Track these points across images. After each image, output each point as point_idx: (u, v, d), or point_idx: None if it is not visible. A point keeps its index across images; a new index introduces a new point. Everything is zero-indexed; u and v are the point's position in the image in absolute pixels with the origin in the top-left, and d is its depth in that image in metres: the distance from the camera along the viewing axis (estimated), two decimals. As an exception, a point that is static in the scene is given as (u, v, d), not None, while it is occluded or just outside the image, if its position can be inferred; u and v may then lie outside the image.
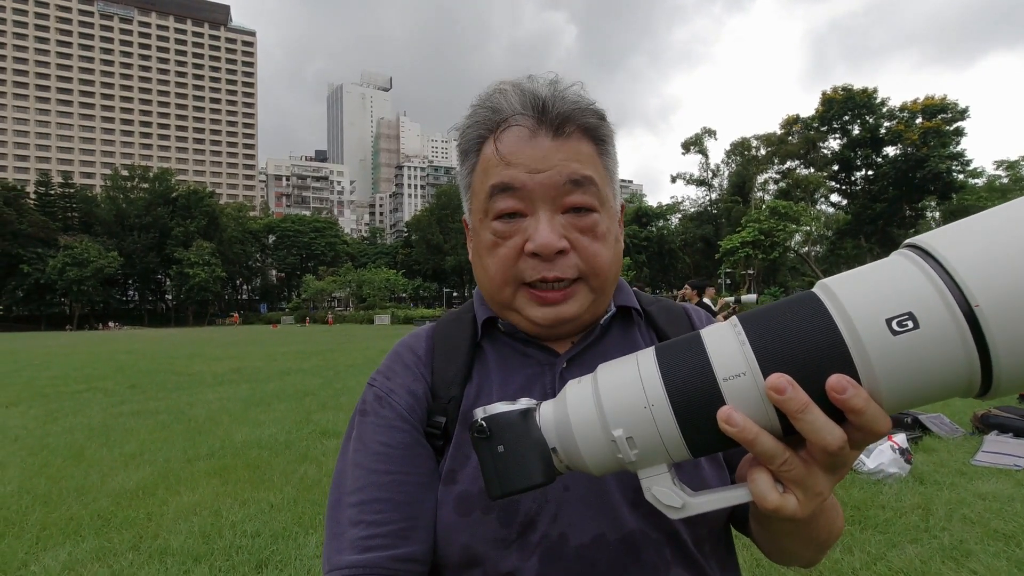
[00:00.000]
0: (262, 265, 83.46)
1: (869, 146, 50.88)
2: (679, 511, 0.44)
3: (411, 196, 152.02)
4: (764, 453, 0.40)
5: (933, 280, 0.35)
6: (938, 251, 0.36)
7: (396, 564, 0.56)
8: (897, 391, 0.36)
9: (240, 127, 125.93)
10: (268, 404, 7.86)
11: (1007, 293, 0.33)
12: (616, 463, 0.44)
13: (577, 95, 0.62)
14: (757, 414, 0.39)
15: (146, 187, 71.40)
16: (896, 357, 0.35)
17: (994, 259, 0.34)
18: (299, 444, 5.47)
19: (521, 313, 0.64)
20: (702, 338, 0.42)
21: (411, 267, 75.90)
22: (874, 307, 0.36)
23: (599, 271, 0.62)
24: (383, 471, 0.60)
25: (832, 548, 3.03)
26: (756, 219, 41.93)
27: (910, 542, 3.12)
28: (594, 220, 0.61)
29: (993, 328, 0.33)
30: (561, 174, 0.59)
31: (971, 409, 5.85)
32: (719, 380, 0.40)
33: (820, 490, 0.41)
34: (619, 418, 0.42)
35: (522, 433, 0.46)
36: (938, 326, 0.34)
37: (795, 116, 54.15)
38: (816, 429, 0.38)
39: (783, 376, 0.37)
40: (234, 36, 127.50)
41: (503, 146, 0.61)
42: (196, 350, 19.54)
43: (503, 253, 0.62)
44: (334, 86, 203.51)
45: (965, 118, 46.62)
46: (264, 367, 13.11)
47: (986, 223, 0.36)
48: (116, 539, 3.32)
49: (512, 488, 0.46)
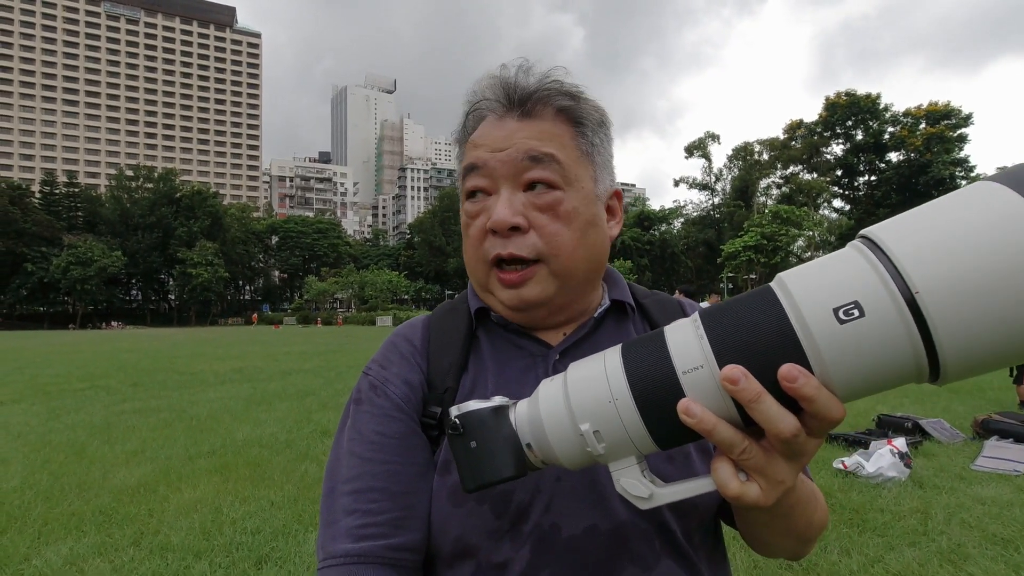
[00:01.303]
0: (265, 266, 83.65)
1: (872, 151, 50.89)
2: (647, 501, 0.45)
3: (414, 198, 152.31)
4: (723, 442, 0.41)
5: (877, 269, 0.36)
6: (883, 240, 0.37)
7: (391, 553, 0.57)
8: (848, 378, 0.37)
9: (244, 128, 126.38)
10: (269, 403, 7.88)
11: (946, 279, 0.34)
12: (587, 457, 0.45)
13: (547, 77, 0.62)
14: (716, 405, 0.40)
15: (151, 187, 71.67)
16: (844, 345, 0.36)
17: (934, 247, 0.35)
18: (299, 443, 5.49)
19: (494, 295, 0.65)
20: (664, 334, 0.43)
21: (413, 269, 76.03)
22: (822, 297, 0.37)
23: (559, 252, 0.61)
24: (378, 460, 0.60)
25: (830, 551, 3.05)
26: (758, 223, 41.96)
27: (908, 545, 3.12)
28: (555, 197, 0.60)
29: (933, 314, 0.34)
30: (519, 151, 0.60)
31: (972, 415, 5.85)
32: (679, 373, 0.41)
33: (782, 478, 0.42)
34: (586, 412, 0.44)
35: (494, 429, 0.47)
36: (882, 314, 0.35)
37: (799, 121, 54.18)
38: (770, 418, 0.39)
39: (736, 367, 0.38)
40: (239, 37, 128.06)
41: (476, 132, 0.64)
42: (198, 350, 19.58)
43: (473, 233, 0.63)
44: (338, 88, 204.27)
45: (969, 124, 46.63)
46: (265, 367, 13.14)
47: (931, 212, 0.37)
48: (117, 534, 3.34)
49: (484, 481, 0.47)
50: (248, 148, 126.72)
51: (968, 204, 0.35)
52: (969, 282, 0.33)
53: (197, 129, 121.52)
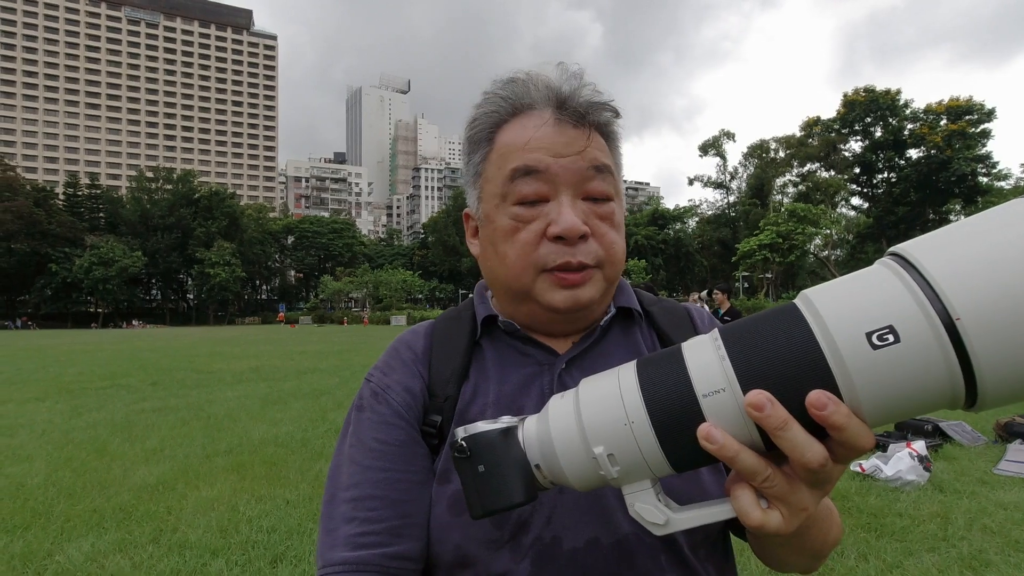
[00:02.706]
0: (281, 265, 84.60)
1: (892, 148, 49.99)
2: (662, 527, 0.43)
3: (428, 198, 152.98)
4: (746, 470, 0.40)
5: (914, 292, 0.34)
6: (919, 260, 0.35)
7: (389, 562, 0.57)
8: (879, 406, 0.36)
9: (261, 129, 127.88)
10: (285, 403, 7.97)
11: (988, 305, 0.32)
12: (599, 479, 0.44)
13: (595, 90, 0.63)
14: (738, 430, 0.39)
15: (170, 188, 72.89)
16: (877, 372, 0.35)
17: (975, 269, 0.33)
18: (315, 442, 5.55)
19: (540, 300, 0.62)
20: (683, 352, 0.42)
21: (427, 268, 76.34)
22: (854, 320, 0.35)
23: (615, 259, 0.63)
24: (378, 468, 0.60)
25: (847, 556, 3.01)
26: (774, 222, 41.47)
27: (927, 551, 3.07)
28: (612, 208, 0.62)
29: (974, 341, 0.32)
30: (585, 159, 0.60)
31: (994, 417, 5.73)
32: (699, 396, 0.39)
33: (805, 506, 0.41)
34: (599, 435, 0.42)
35: (502, 452, 0.45)
36: (919, 340, 0.34)
37: (815, 118, 53.44)
38: (796, 446, 0.37)
39: (762, 393, 0.37)
40: (256, 40, 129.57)
41: (525, 132, 0.61)
42: (216, 349, 19.86)
43: (524, 238, 0.60)
44: (353, 88, 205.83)
45: (992, 119, 45.61)
46: (282, 366, 13.29)
47: (969, 230, 0.35)
48: (137, 531, 3.41)
49: (492, 508, 0.45)
50: (264, 149, 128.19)
51: (1008, 223, 0.34)
52: (1012, 308, 0.32)
53: (215, 131, 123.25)
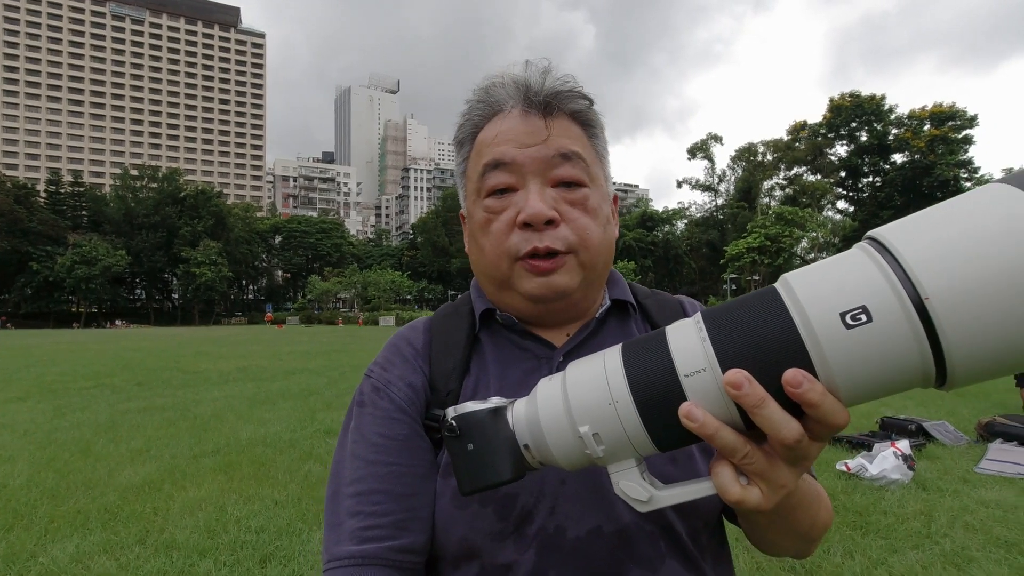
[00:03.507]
0: (268, 265, 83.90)
1: (877, 153, 50.74)
2: (645, 504, 0.45)
3: (417, 198, 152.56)
4: (725, 447, 0.41)
5: (886, 273, 0.35)
6: (892, 243, 0.36)
7: (394, 555, 0.57)
8: (853, 384, 0.37)
9: (248, 128, 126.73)
10: (273, 403, 7.91)
11: (956, 284, 0.33)
12: (585, 459, 0.45)
13: (564, 80, 0.63)
14: (718, 409, 0.40)
15: (155, 187, 71.98)
16: (850, 351, 0.36)
17: (945, 251, 0.34)
18: (303, 442, 5.51)
19: (517, 288, 0.64)
20: (666, 335, 0.43)
21: (416, 269, 76.12)
22: (829, 301, 0.36)
23: (588, 244, 0.62)
24: (382, 462, 0.60)
25: (833, 553, 3.05)
26: (762, 225, 41.89)
27: (912, 548, 3.12)
28: (584, 194, 0.62)
29: (943, 320, 0.33)
30: (550, 147, 0.61)
31: (976, 417, 5.83)
32: (680, 376, 0.40)
33: (783, 482, 0.42)
34: (585, 414, 0.43)
35: (491, 432, 0.46)
36: (890, 319, 0.35)
37: (802, 122, 54.09)
38: (773, 423, 0.39)
39: (740, 372, 0.38)
40: (244, 38, 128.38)
41: (496, 128, 0.63)
42: (202, 349, 19.65)
43: (496, 228, 0.63)
44: (342, 88, 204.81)
45: (974, 126, 46.42)
46: (269, 366, 13.18)
47: (941, 214, 0.36)
48: (123, 532, 3.36)
49: (481, 484, 0.47)
50: (252, 148, 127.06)
51: (978, 207, 0.35)
52: (980, 288, 0.33)
53: (201, 129, 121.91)
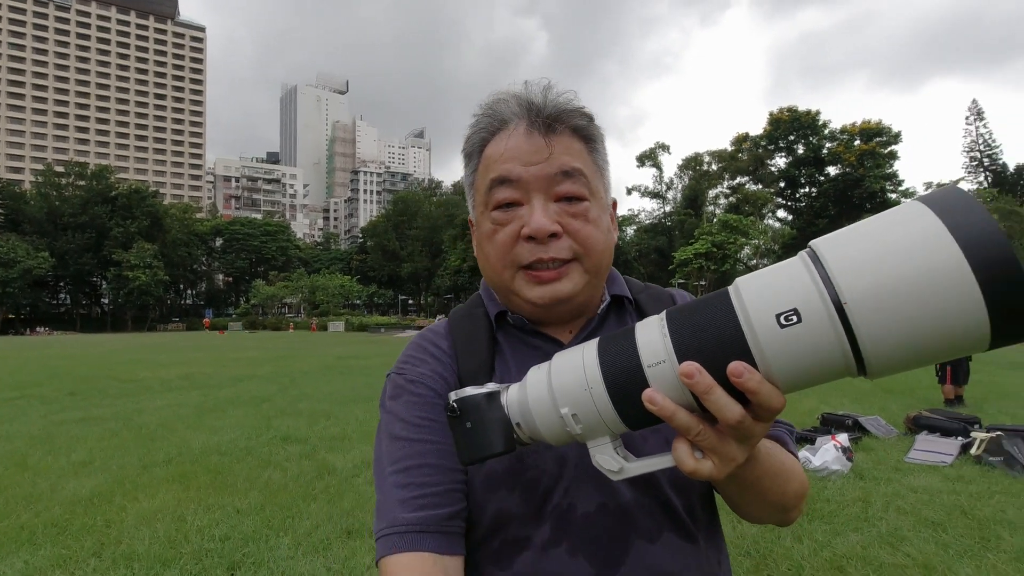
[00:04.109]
0: (208, 269, 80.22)
1: (812, 165, 53.63)
2: (617, 474, 0.52)
3: (367, 202, 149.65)
4: (681, 427, 0.47)
5: (815, 279, 0.41)
6: (822, 253, 0.42)
7: (446, 522, 0.61)
8: (787, 374, 0.43)
9: (187, 125, 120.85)
10: (223, 411, 7.64)
11: (870, 291, 0.38)
12: (567, 435, 0.52)
13: (566, 99, 0.68)
14: (675, 394, 0.46)
15: (83, 184, 67.52)
16: (784, 346, 0.41)
17: (863, 262, 0.39)
18: (261, 450, 5.37)
19: (520, 295, 0.68)
20: (635, 331, 0.50)
21: (366, 273, 74.61)
22: (768, 304, 0.42)
23: (592, 251, 0.67)
24: (426, 440, 0.65)
25: (783, 539, 3.26)
26: (708, 232, 43.45)
27: (852, 531, 3.38)
28: (585, 207, 0.67)
29: (859, 322, 0.39)
30: (553, 166, 0.65)
31: (905, 412, 6.32)
32: (644, 367, 0.47)
33: (732, 456, 0.49)
34: (565, 398, 0.50)
35: (486, 412, 0.53)
36: (816, 320, 0.40)
37: (745, 134, 56.54)
38: (719, 407, 0.45)
39: (692, 364, 0.44)
40: (182, 30, 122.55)
41: (502, 145, 0.67)
42: (139, 356, 18.64)
43: (501, 239, 0.67)
44: (288, 86, 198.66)
45: (898, 142, 49.87)
46: (215, 373, 12.68)
47: (865, 229, 0.42)
48: (75, 546, 3.21)
49: (477, 456, 0.54)
50: (191, 146, 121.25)
51: (894, 223, 0.40)
52: (889, 295, 0.38)
53: (135, 124, 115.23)
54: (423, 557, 0.59)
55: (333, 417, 7.10)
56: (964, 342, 0.39)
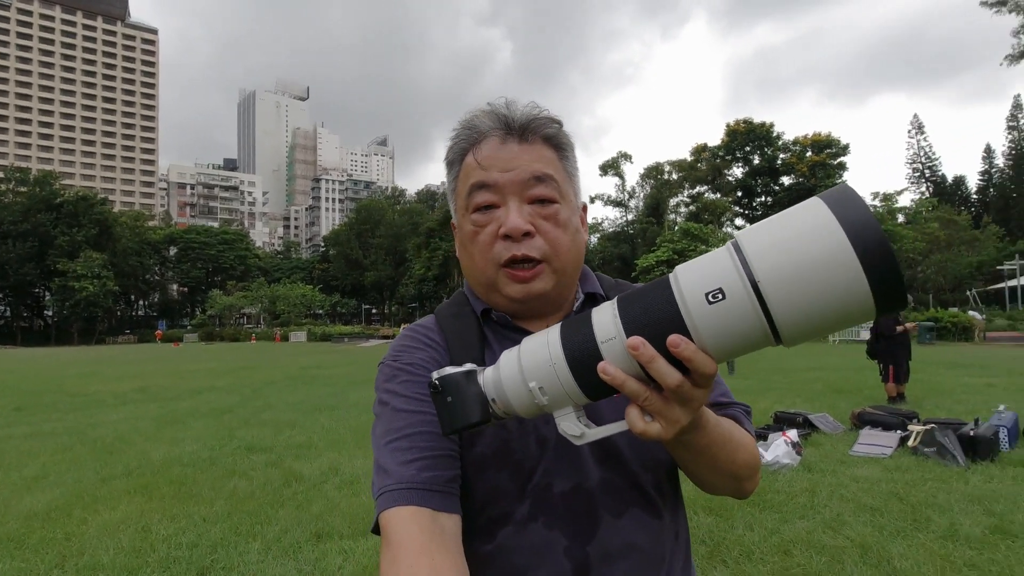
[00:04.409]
0: (162, 279, 77.29)
1: (768, 175, 55.67)
2: (579, 439, 0.58)
3: (329, 210, 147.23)
4: (631, 393, 0.54)
5: (736, 263, 0.48)
6: (742, 242, 0.49)
7: (443, 484, 0.66)
8: (717, 343, 0.50)
9: (138, 130, 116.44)
10: (183, 422, 7.47)
11: (777, 271, 0.46)
12: (536, 407, 0.58)
13: (537, 110, 0.76)
14: (625, 365, 0.53)
15: (24, 191, 64.27)
16: (713, 320, 0.49)
17: (771, 247, 0.47)
18: (225, 460, 5.31)
19: (501, 292, 0.75)
20: (592, 314, 0.57)
21: (328, 283, 73.24)
22: (699, 285, 0.50)
23: (559, 253, 0.74)
24: (425, 412, 0.69)
25: (736, 526, 3.46)
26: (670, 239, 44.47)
27: (799, 518, 3.62)
28: (555, 210, 0.74)
29: (770, 297, 0.46)
30: (526, 171, 0.73)
31: (851, 409, 6.70)
32: (599, 343, 0.54)
33: (677, 418, 0.55)
34: (532, 373, 0.57)
35: (464, 387, 0.59)
36: (738, 297, 0.47)
37: (704, 144, 58.25)
38: (661, 373, 0.52)
39: (637, 337, 0.51)
40: (133, 32, 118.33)
41: (480, 154, 0.74)
42: (89, 369, 17.88)
43: (482, 239, 0.74)
44: (246, 92, 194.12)
45: (847, 153, 52.32)
46: (172, 386, 12.32)
47: (776, 220, 0.50)
48: (35, 559, 3.15)
49: (457, 425, 0.59)
50: (142, 152, 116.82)
51: (799, 216, 0.48)
52: (794, 274, 0.46)
53: (81, 129, 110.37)
54: (423, 512, 0.62)
55: (299, 426, 7.05)
56: (856, 311, 0.46)
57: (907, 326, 8.32)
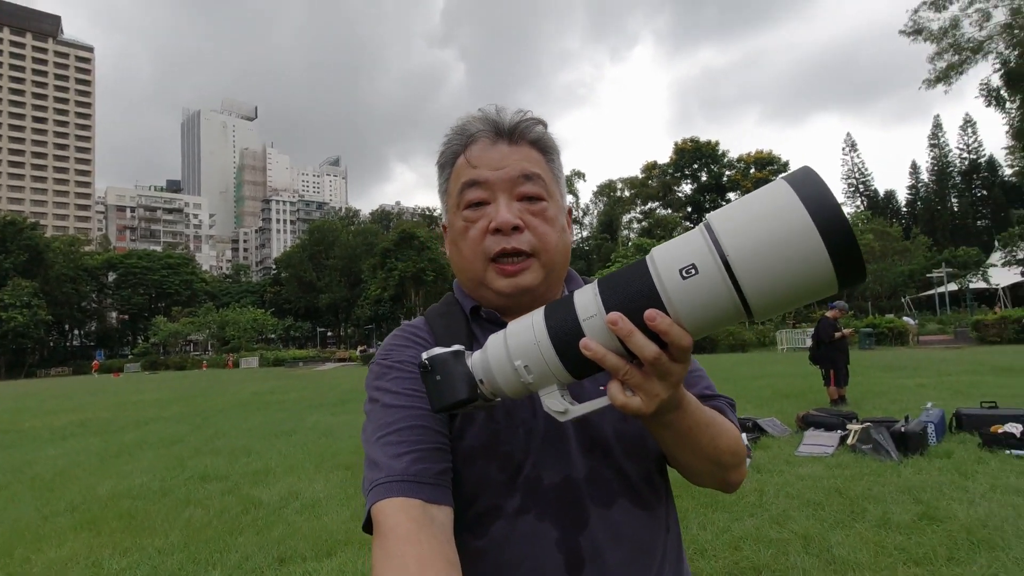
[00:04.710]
0: (99, 307, 73.28)
1: (715, 191, 58.12)
2: (563, 415, 0.60)
3: (280, 231, 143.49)
4: (612, 367, 0.56)
5: (707, 240, 0.51)
6: (712, 222, 0.52)
7: (435, 476, 0.66)
8: (691, 317, 0.53)
9: (72, 152, 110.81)
10: (130, 454, 7.16)
11: (745, 246, 0.49)
12: (522, 386, 0.60)
13: (523, 113, 0.80)
14: (605, 341, 0.55)
15: (-55, 216, 60.15)
16: (687, 294, 0.52)
17: (740, 225, 0.50)
18: (178, 490, 5.13)
19: (490, 287, 0.77)
20: (573, 295, 0.59)
21: (281, 306, 71.16)
22: (673, 262, 0.52)
23: (547, 247, 0.77)
24: (415, 407, 0.70)
25: (690, 526, 3.62)
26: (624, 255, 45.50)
27: (749, 516, 3.82)
28: (543, 207, 0.77)
29: (739, 270, 0.49)
30: (515, 169, 0.76)
31: (796, 412, 7.06)
32: (580, 320, 0.56)
33: (656, 392, 0.57)
34: (518, 352, 0.59)
35: (452, 366, 0.61)
36: (709, 271, 0.50)
37: (653, 162, 60.38)
38: (639, 347, 0.54)
39: (616, 313, 0.54)
40: (66, 50, 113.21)
41: (471, 154, 0.78)
42: (20, 404, 16.78)
43: (473, 235, 0.77)
44: (190, 111, 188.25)
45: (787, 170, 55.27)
46: (115, 418, 11.73)
47: (745, 201, 0.53)
48: (-24, 602, 2.99)
49: (447, 403, 0.61)
50: (77, 174, 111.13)
51: (764, 197, 0.52)
52: (759, 249, 0.49)
53: (8, 151, 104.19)
54: (414, 503, 0.62)
55: (255, 453, 6.86)
56: (819, 284, 0.49)
57: (844, 332, 8.84)
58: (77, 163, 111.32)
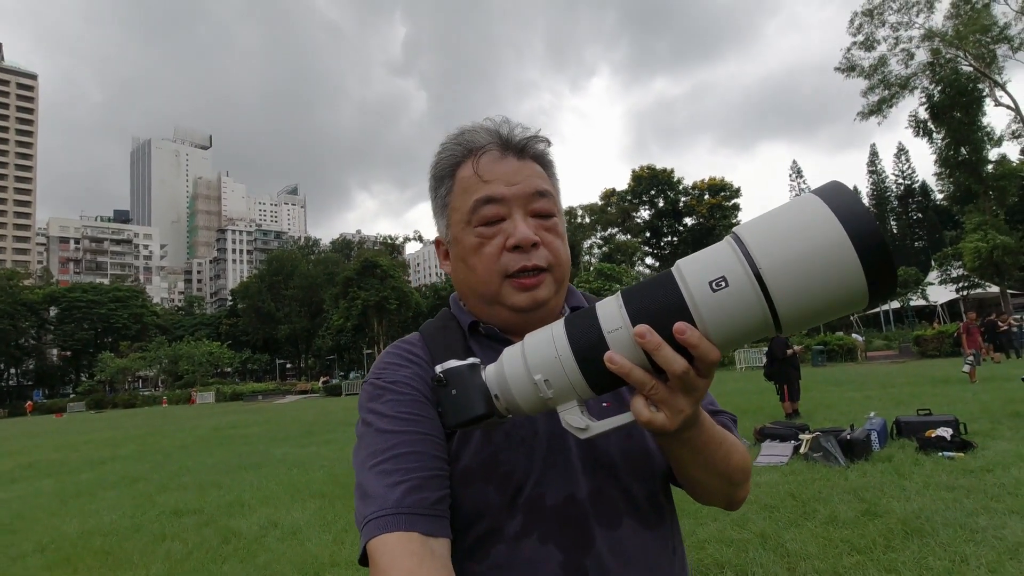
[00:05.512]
0: (39, 343, 69.39)
1: (672, 216, 60.08)
2: (584, 432, 0.58)
3: (236, 262, 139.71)
4: (637, 382, 0.54)
5: (737, 254, 0.50)
6: (742, 235, 0.52)
7: (433, 506, 0.63)
8: (721, 330, 0.52)
9: (11, 181, 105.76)
10: (91, 494, 6.95)
11: (778, 260, 0.49)
12: (540, 401, 0.58)
13: (528, 129, 0.79)
14: (631, 355, 0.54)
15: None
16: (717, 307, 0.51)
17: (772, 238, 0.50)
18: (150, 526, 5.07)
19: (505, 303, 0.75)
20: (596, 307, 0.58)
21: (238, 338, 69.07)
22: (703, 274, 0.52)
23: (561, 262, 0.77)
24: (410, 431, 0.67)
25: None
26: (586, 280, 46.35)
27: (712, 520, 4.11)
28: (554, 223, 0.77)
29: (771, 283, 0.49)
30: (530, 186, 0.75)
31: (754, 425, 7.45)
32: (605, 333, 0.54)
33: (681, 407, 0.55)
34: (538, 366, 0.57)
35: (468, 380, 0.59)
36: (741, 284, 0.50)
37: (612, 189, 62.07)
38: (667, 360, 0.52)
39: (644, 325, 0.52)
40: (7, 77, 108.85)
41: (481, 167, 0.76)
42: (-44, 450, 15.76)
43: (488, 251, 0.74)
44: (140, 140, 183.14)
45: (739, 196, 57.82)
46: (65, 459, 11.24)
47: (775, 215, 0.52)
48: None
49: (462, 418, 0.59)
50: (16, 204, 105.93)
51: (796, 210, 0.51)
52: (792, 262, 0.48)
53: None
54: (412, 537, 0.59)
55: (224, 486, 6.79)
56: (850, 298, 0.48)
57: (795, 349, 9.41)
58: (16, 193, 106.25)
